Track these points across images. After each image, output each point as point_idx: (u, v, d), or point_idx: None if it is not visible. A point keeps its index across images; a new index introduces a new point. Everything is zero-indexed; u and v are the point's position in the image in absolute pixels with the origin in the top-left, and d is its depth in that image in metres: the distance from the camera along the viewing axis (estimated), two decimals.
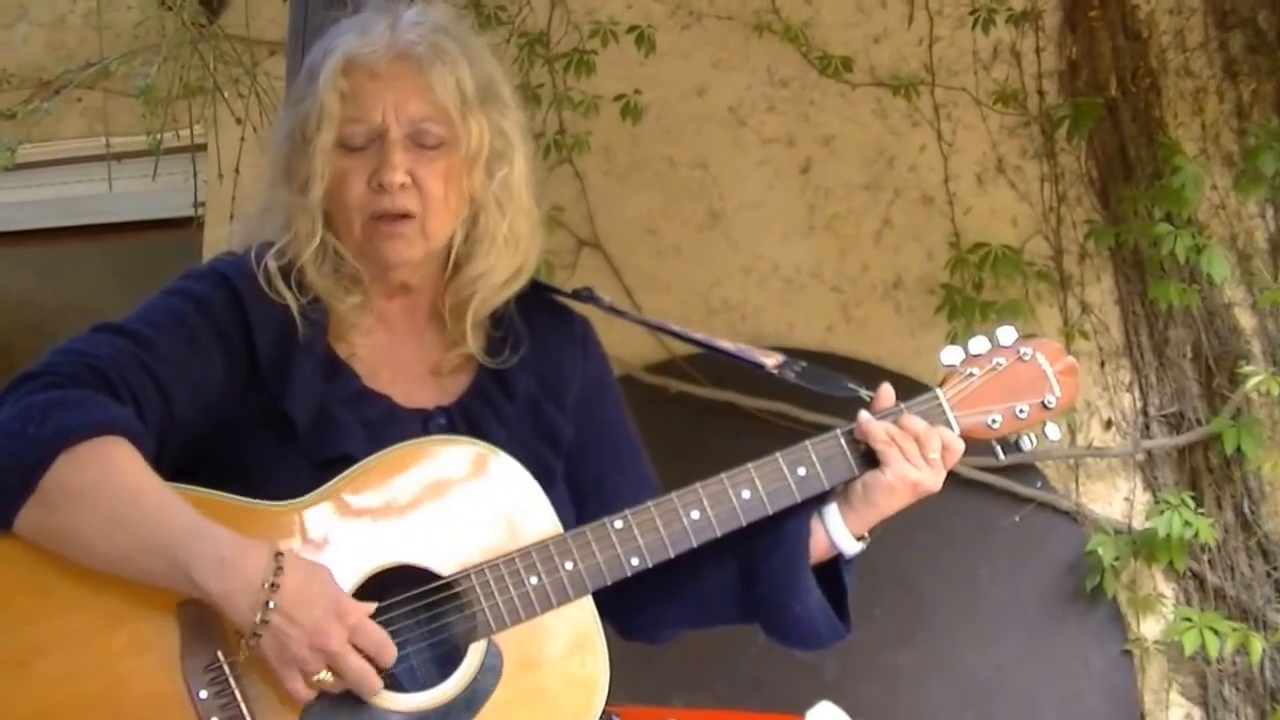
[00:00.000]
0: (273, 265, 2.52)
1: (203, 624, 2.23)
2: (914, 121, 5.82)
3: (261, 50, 5.37)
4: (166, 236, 6.59)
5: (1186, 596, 5.30)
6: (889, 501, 2.54)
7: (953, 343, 3.95)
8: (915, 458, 2.52)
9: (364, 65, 2.54)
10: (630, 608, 2.61)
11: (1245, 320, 5.50)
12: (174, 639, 2.22)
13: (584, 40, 5.57)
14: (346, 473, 2.37)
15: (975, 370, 2.59)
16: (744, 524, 2.49)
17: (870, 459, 2.53)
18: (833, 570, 2.62)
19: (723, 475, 2.49)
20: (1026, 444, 2.61)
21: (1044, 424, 2.60)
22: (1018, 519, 5.36)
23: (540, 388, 2.65)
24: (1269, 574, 5.28)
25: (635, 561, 2.43)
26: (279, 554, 2.21)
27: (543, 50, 5.55)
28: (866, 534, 2.59)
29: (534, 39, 5.54)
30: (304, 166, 2.54)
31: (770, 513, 2.50)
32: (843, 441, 2.54)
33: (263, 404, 2.47)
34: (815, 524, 2.58)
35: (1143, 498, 5.41)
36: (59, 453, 2.19)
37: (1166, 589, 5.32)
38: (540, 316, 2.73)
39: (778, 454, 2.50)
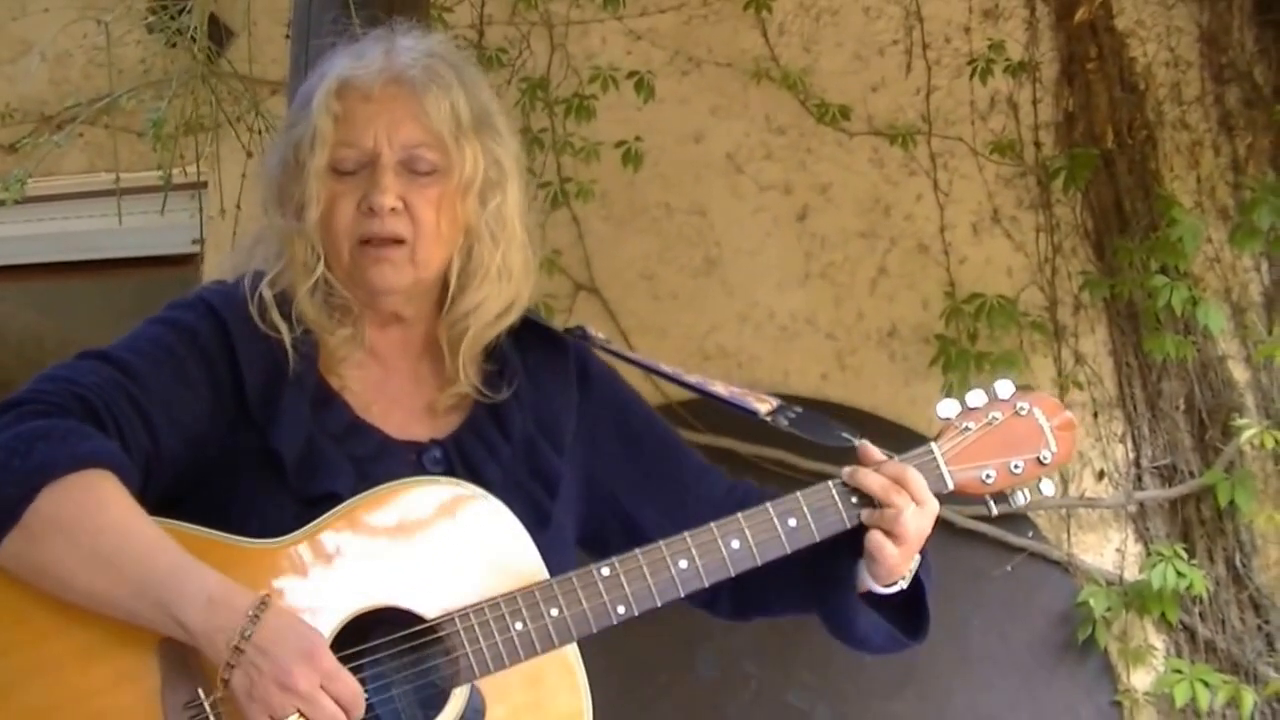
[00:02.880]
0: (268, 295, 2.49)
1: (183, 660, 2.20)
2: (910, 171, 5.84)
3: (263, 90, 5.39)
4: (167, 273, 6.60)
5: (1177, 649, 5.30)
6: (904, 556, 2.48)
7: (949, 394, 4.01)
8: (906, 501, 2.46)
9: (357, 88, 2.50)
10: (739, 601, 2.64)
11: (1239, 373, 5.52)
12: (155, 674, 2.19)
13: (584, 85, 5.60)
14: (332, 511, 2.33)
15: (971, 424, 2.53)
16: (732, 575, 2.45)
17: (864, 504, 2.48)
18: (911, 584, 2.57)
19: (712, 525, 2.44)
20: (1020, 499, 2.56)
21: (1039, 480, 2.55)
22: (1009, 569, 5.36)
23: (537, 428, 2.60)
24: (1260, 627, 5.28)
25: (621, 610, 2.38)
26: (265, 597, 2.17)
27: (543, 95, 5.57)
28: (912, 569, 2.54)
29: (535, 84, 5.56)
30: (297, 191, 2.50)
31: (759, 564, 2.45)
32: (835, 492, 2.49)
33: (249, 438, 2.42)
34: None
35: (1134, 549, 5.42)
36: (43, 486, 2.16)
37: (1157, 641, 5.32)
38: (534, 353, 2.68)
39: (768, 504, 2.46)
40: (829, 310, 5.80)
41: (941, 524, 2.59)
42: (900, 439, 2.65)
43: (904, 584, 2.54)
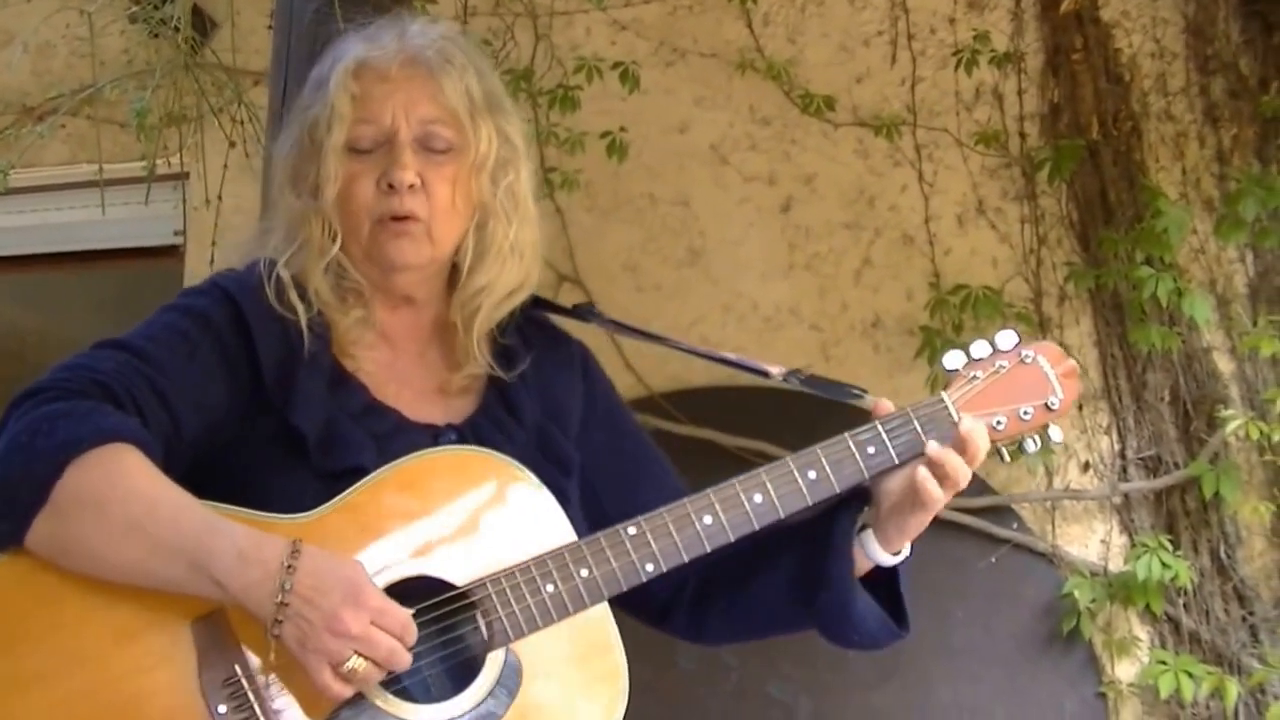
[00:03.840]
0: (285, 275, 2.52)
1: (219, 638, 2.22)
2: (895, 161, 5.83)
3: (246, 80, 5.37)
4: (150, 264, 6.59)
5: (1162, 640, 5.30)
6: (909, 501, 2.52)
7: (933, 385, 4.04)
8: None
9: (374, 68, 2.56)
10: (700, 624, 2.67)
11: (1223, 364, 5.51)
12: (190, 653, 2.20)
13: (568, 76, 5.59)
14: (359, 484, 2.36)
15: (978, 374, 2.57)
16: (756, 528, 2.47)
17: (881, 458, 2.52)
18: (886, 574, 2.62)
19: (734, 480, 2.47)
20: (1030, 446, 2.61)
21: (1047, 426, 2.59)
22: (994, 560, 5.35)
23: (544, 413, 2.65)
24: (1245, 618, 5.28)
25: (650, 567, 2.42)
26: (296, 542, 2.19)
27: (527, 86, 5.56)
28: (908, 547, 2.60)
29: (520, 75, 5.55)
30: (314, 170, 2.55)
31: (782, 516, 2.48)
32: (851, 445, 2.52)
33: (267, 420, 2.45)
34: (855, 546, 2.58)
35: (1119, 540, 5.42)
36: (68, 463, 2.17)
37: (1142, 632, 5.32)
38: (540, 342, 2.73)
39: (788, 458, 2.50)
40: (813, 301, 5.80)
41: None
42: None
43: (906, 552, 2.59)
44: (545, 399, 2.67)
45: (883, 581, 2.62)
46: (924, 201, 5.77)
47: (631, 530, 2.42)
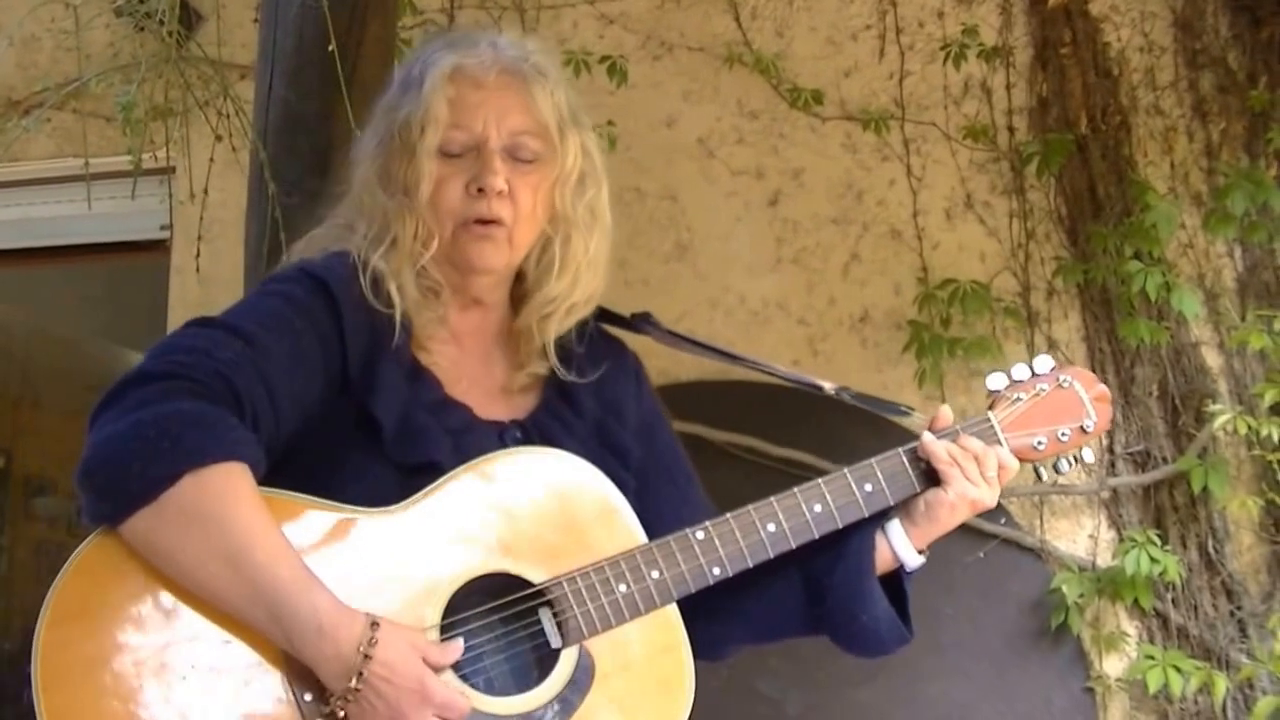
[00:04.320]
0: (382, 268, 2.57)
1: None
2: (883, 156, 5.82)
3: (233, 74, 5.35)
4: (136, 259, 6.57)
5: (1150, 635, 5.30)
6: (950, 517, 2.64)
7: (921, 380, 4.14)
8: (975, 476, 2.63)
9: (470, 76, 2.63)
10: (694, 627, 2.65)
11: (1212, 359, 5.52)
12: (281, 660, 2.25)
13: None
14: (441, 480, 2.43)
15: (1021, 395, 2.72)
16: (816, 536, 2.59)
17: (929, 477, 2.64)
18: (892, 580, 2.70)
19: (795, 490, 2.59)
20: (1065, 466, 2.76)
21: (1081, 448, 2.74)
22: (982, 555, 5.35)
23: (602, 409, 2.72)
24: (1233, 613, 5.28)
25: (717, 571, 2.52)
26: (375, 624, 2.23)
27: None
28: (925, 548, 2.70)
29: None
30: (406, 170, 2.61)
31: (840, 526, 2.60)
32: (905, 460, 2.64)
33: (349, 407, 2.50)
34: (879, 539, 2.67)
35: (1107, 535, 5.42)
36: (186, 472, 2.20)
37: (1130, 627, 5.32)
38: (597, 344, 2.80)
39: (845, 470, 2.61)
40: (801, 296, 5.79)
41: None
42: (873, 424, 2.73)
43: (924, 558, 2.69)
44: (603, 397, 2.74)
45: (889, 584, 2.70)
46: (912, 196, 5.77)
47: (700, 535, 2.52)
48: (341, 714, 2.21)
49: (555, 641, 2.40)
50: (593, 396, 2.72)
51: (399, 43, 4.86)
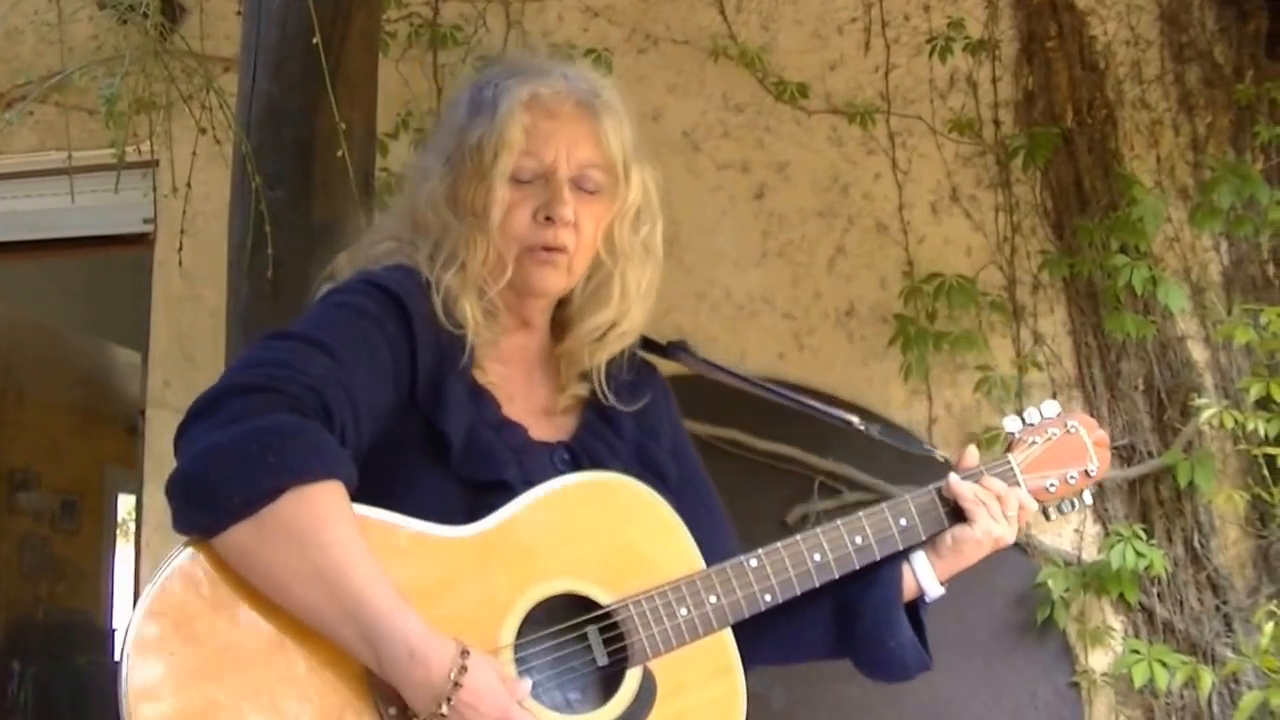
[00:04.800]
0: (456, 286, 2.60)
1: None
2: (869, 149, 5.82)
3: (216, 67, 5.33)
4: (120, 253, 6.56)
5: (1135, 629, 5.31)
6: (975, 553, 2.72)
7: (907, 374, 4.20)
8: (998, 515, 2.71)
9: (545, 105, 2.65)
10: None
11: (1198, 353, 5.52)
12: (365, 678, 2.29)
13: None
14: (514, 503, 2.47)
15: (1036, 439, 2.82)
16: (856, 567, 2.67)
17: (955, 514, 2.72)
18: (909, 609, 2.77)
19: (838, 522, 2.67)
20: (1067, 507, 2.87)
21: (1083, 491, 2.85)
22: None
23: (640, 430, 2.77)
24: (1218, 608, 5.29)
25: (768, 598, 2.59)
26: (465, 652, 2.25)
27: None
28: (945, 580, 2.78)
29: (491, 61, 5.52)
30: (477, 194, 2.62)
31: (877, 558, 2.68)
32: (936, 498, 2.72)
33: (415, 421, 2.53)
34: (905, 569, 2.74)
35: (1093, 530, 5.42)
36: (289, 489, 2.21)
37: (1115, 621, 5.32)
38: (631, 366, 2.83)
39: (883, 505, 2.71)
40: (786, 289, 5.79)
41: None
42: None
43: (944, 589, 2.78)
44: (640, 420, 2.78)
45: (908, 611, 2.78)
46: (898, 189, 5.77)
47: (754, 563, 2.59)
48: None
49: (601, 660, 2.45)
50: (630, 418, 2.76)
51: (384, 35, 4.86)
